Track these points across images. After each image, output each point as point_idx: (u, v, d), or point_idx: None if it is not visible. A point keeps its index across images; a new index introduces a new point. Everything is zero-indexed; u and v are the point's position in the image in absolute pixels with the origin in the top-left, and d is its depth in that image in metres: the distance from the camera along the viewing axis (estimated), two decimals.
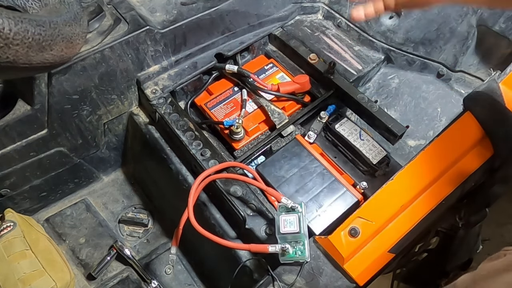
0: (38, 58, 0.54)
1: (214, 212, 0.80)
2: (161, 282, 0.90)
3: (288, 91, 0.90)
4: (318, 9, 1.07)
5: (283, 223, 0.63)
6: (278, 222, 0.63)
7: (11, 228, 0.84)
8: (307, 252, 0.62)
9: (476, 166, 0.71)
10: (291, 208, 0.64)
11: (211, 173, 0.73)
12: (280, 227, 0.62)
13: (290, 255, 0.62)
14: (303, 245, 0.62)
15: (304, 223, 0.63)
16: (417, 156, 0.70)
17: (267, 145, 0.85)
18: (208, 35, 0.93)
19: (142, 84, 0.89)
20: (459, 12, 0.92)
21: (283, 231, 0.62)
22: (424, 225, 0.68)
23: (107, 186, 1.06)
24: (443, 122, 0.84)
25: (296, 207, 0.64)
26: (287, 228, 0.62)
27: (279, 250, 0.62)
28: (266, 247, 0.62)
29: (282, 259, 0.63)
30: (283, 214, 0.63)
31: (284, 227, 0.62)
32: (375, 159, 0.79)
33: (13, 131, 0.79)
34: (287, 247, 0.62)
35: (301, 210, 0.64)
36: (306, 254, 0.62)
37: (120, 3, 0.86)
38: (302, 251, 0.62)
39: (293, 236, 0.62)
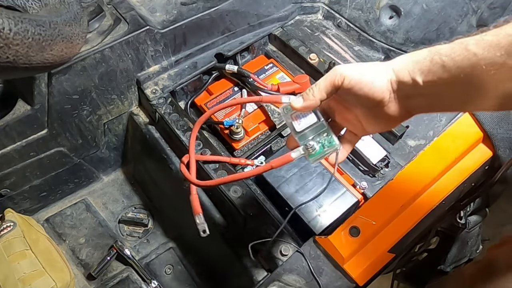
0: (38, 58, 0.54)
1: (214, 212, 0.80)
2: (161, 282, 0.90)
3: (288, 91, 0.89)
4: (318, 9, 1.07)
5: (297, 120, 0.52)
6: (289, 123, 0.52)
7: (11, 228, 0.84)
8: (335, 139, 0.52)
9: (476, 166, 0.72)
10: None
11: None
12: (295, 127, 0.52)
13: (318, 151, 0.52)
14: (328, 133, 0.52)
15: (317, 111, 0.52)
16: (417, 156, 0.71)
17: (267, 145, 0.85)
18: (208, 35, 0.93)
19: (142, 84, 0.89)
20: (459, 12, 0.92)
21: (301, 128, 0.51)
22: (424, 225, 0.68)
23: (107, 186, 1.06)
24: (443, 122, 0.84)
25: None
26: (303, 122, 0.52)
27: (303, 151, 0.51)
28: (289, 156, 0.51)
29: (313, 160, 0.52)
30: (291, 112, 0.52)
31: (299, 123, 0.52)
32: (375, 159, 0.79)
33: (13, 131, 0.79)
34: (312, 144, 0.51)
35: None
36: (335, 141, 0.52)
37: (120, 3, 0.86)
38: (330, 140, 0.52)
39: (313, 129, 0.52)
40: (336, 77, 0.45)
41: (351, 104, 0.49)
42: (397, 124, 0.49)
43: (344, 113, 0.50)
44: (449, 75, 0.39)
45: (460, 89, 0.39)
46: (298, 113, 0.51)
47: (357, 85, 0.44)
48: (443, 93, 0.40)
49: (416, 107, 0.44)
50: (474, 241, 1.08)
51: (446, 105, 0.43)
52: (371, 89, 0.43)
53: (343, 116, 0.51)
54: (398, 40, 0.97)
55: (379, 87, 0.43)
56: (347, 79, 0.44)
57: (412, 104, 0.44)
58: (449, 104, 0.42)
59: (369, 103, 0.45)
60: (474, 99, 0.40)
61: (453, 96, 0.40)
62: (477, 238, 1.09)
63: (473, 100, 0.40)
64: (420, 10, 0.95)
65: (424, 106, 0.44)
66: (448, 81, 0.39)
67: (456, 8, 0.92)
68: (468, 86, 0.38)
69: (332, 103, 0.51)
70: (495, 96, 0.38)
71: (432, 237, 1.08)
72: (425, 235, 0.87)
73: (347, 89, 0.45)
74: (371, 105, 0.45)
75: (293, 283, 0.64)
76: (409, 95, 0.43)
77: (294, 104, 0.49)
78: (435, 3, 0.94)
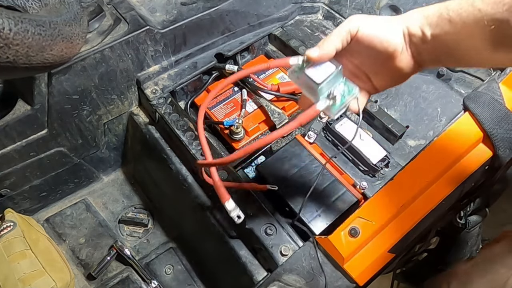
0: (38, 58, 0.54)
1: (214, 212, 0.80)
2: (161, 282, 0.90)
3: (288, 91, 0.90)
4: (318, 9, 1.07)
5: (314, 73, 0.48)
6: (305, 79, 0.49)
7: (11, 228, 0.84)
8: (354, 85, 0.49)
9: (476, 166, 0.71)
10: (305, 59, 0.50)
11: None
12: (314, 79, 0.48)
13: (341, 101, 0.48)
14: (345, 81, 0.49)
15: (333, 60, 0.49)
16: (417, 156, 0.71)
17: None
18: (208, 35, 0.93)
19: (142, 84, 0.89)
20: None
21: (321, 79, 0.47)
22: (424, 225, 0.68)
23: (107, 186, 1.06)
24: (443, 122, 0.84)
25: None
26: (321, 73, 0.48)
27: (328, 103, 0.48)
28: (314, 108, 0.48)
29: (336, 111, 0.49)
30: (304, 68, 0.49)
31: (318, 75, 0.48)
32: (375, 159, 0.79)
33: (13, 131, 0.79)
34: (334, 94, 0.48)
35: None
36: (354, 88, 0.49)
37: (120, 3, 0.86)
38: (349, 88, 0.49)
39: (332, 79, 0.48)
40: (351, 24, 0.45)
41: (362, 58, 0.48)
42: (406, 79, 0.49)
43: (354, 70, 0.50)
44: (455, 30, 0.40)
45: (465, 44, 0.41)
46: (312, 67, 0.48)
47: (371, 35, 0.44)
48: (450, 47, 0.42)
49: (425, 60, 0.45)
50: (474, 241, 1.08)
51: (452, 59, 0.45)
52: (385, 40, 0.44)
53: (353, 74, 0.50)
54: None
55: (392, 39, 0.44)
56: (361, 28, 0.44)
57: (422, 57, 0.45)
58: (455, 58, 0.44)
59: (382, 55, 0.45)
60: (478, 54, 0.41)
61: (458, 50, 0.42)
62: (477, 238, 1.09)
63: (477, 54, 0.41)
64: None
65: (433, 59, 0.45)
66: (454, 36, 0.40)
67: None
68: (472, 41, 0.40)
69: (342, 60, 0.49)
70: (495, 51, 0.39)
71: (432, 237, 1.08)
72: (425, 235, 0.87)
73: (361, 40, 0.45)
74: (384, 57, 0.45)
75: (293, 283, 0.64)
76: (419, 48, 0.44)
77: (311, 54, 0.47)
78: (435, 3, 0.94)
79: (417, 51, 0.45)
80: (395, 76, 0.48)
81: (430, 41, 0.43)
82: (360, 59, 0.49)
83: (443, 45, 0.42)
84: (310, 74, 0.48)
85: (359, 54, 0.48)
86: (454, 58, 0.44)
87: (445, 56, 0.44)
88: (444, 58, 0.44)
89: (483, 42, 0.39)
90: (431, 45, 0.43)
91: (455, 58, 0.44)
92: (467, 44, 0.41)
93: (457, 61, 0.45)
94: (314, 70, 0.48)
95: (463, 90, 0.91)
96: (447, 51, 0.43)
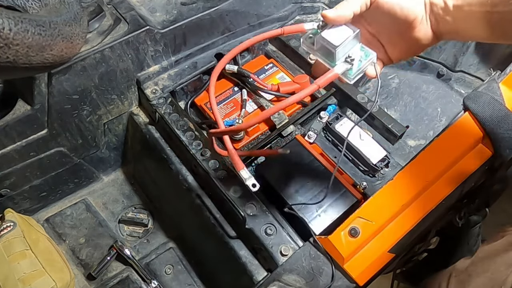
0: (38, 58, 0.54)
1: (214, 212, 0.80)
2: (161, 282, 0.90)
3: (288, 91, 0.90)
4: (318, 9, 1.07)
5: (331, 36, 0.46)
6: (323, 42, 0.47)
7: (11, 228, 0.84)
8: (370, 50, 0.48)
9: (476, 166, 0.71)
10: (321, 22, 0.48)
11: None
12: (332, 42, 0.46)
13: (358, 65, 0.48)
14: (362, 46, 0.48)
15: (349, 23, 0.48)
16: (417, 156, 0.70)
17: (267, 145, 0.85)
18: (208, 35, 0.93)
19: (142, 84, 0.89)
20: None
21: (339, 42, 0.46)
22: (424, 225, 0.68)
23: (107, 186, 1.06)
24: (443, 122, 0.84)
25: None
26: (339, 36, 0.46)
27: (347, 66, 0.47)
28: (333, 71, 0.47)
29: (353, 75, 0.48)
30: (322, 30, 0.47)
31: (335, 37, 0.46)
32: (375, 159, 0.79)
33: (13, 131, 0.79)
34: (352, 57, 0.47)
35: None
36: (370, 52, 0.48)
37: (120, 3, 0.86)
38: (366, 53, 0.48)
39: (349, 43, 0.47)
40: None
41: (380, 26, 0.47)
42: (422, 50, 0.48)
43: (370, 39, 0.49)
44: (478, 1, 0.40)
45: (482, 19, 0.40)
46: (329, 30, 0.47)
47: (392, 1, 0.43)
48: (469, 20, 0.41)
49: (444, 31, 0.44)
50: (474, 241, 1.08)
51: (471, 33, 0.43)
52: (406, 8, 0.43)
53: (368, 42, 0.49)
54: None
55: (413, 6, 0.43)
56: None
57: (442, 27, 0.44)
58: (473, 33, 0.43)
59: (401, 23, 0.44)
60: (496, 31, 0.40)
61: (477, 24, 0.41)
62: (477, 238, 1.09)
63: (494, 31, 0.40)
64: None
65: (451, 31, 0.44)
66: (474, 8, 0.40)
67: None
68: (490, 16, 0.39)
69: (358, 26, 0.48)
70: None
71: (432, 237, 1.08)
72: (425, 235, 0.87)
73: (381, 5, 0.44)
74: (403, 25, 0.44)
75: (293, 283, 0.64)
76: (439, 17, 0.43)
77: (328, 14, 0.45)
78: None
79: (437, 21, 0.44)
80: (412, 47, 0.47)
81: (452, 12, 0.42)
82: (378, 27, 0.48)
83: (463, 17, 0.41)
84: (327, 37, 0.46)
85: (377, 21, 0.47)
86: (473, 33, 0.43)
87: (464, 29, 0.43)
88: (463, 31, 0.43)
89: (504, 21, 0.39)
90: (452, 16, 0.42)
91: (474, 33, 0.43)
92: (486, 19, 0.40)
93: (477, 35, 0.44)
94: (331, 33, 0.46)
95: (463, 90, 0.91)
96: (466, 24, 0.42)
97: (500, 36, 0.42)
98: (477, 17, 0.41)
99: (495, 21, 0.40)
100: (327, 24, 0.47)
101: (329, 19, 0.46)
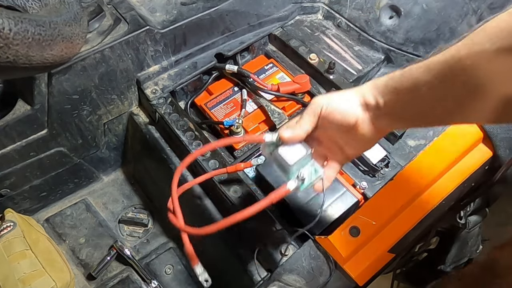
0: (38, 58, 0.54)
1: (214, 212, 0.80)
2: (161, 282, 0.90)
3: (288, 91, 0.90)
4: (318, 9, 1.07)
5: (286, 153, 0.52)
6: (279, 158, 0.53)
7: (11, 228, 0.84)
8: (320, 167, 0.54)
9: (476, 166, 0.72)
10: (278, 138, 0.54)
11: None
12: (287, 160, 0.52)
13: (308, 181, 0.53)
14: (313, 163, 0.53)
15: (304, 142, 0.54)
16: (417, 156, 0.71)
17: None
18: (208, 35, 0.93)
19: (142, 84, 0.89)
20: (459, 12, 0.92)
21: (294, 161, 0.52)
22: (424, 225, 0.68)
23: (107, 186, 1.06)
24: None
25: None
26: (293, 155, 0.52)
27: (298, 183, 0.52)
28: (285, 187, 0.51)
29: (304, 189, 0.53)
30: (278, 148, 0.53)
31: (290, 156, 0.52)
32: (375, 159, 0.79)
33: (13, 131, 0.79)
34: (303, 175, 0.52)
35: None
36: (320, 170, 0.53)
37: (120, 3, 0.86)
38: (316, 170, 0.53)
39: (302, 161, 0.53)
40: (316, 107, 0.50)
41: (331, 131, 0.53)
42: (374, 143, 0.54)
43: (327, 142, 0.55)
44: (400, 97, 0.45)
45: (411, 109, 0.45)
46: (285, 146, 0.53)
47: (333, 111, 0.49)
48: (402, 113, 0.46)
49: (384, 125, 0.49)
50: (474, 241, 1.08)
51: (408, 123, 0.50)
52: (345, 113, 0.49)
53: (326, 146, 0.55)
54: (398, 40, 0.97)
55: (351, 111, 0.48)
56: (324, 107, 0.50)
57: (381, 123, 0.49)
58: (406, 122, 0.48)
59: (345, 126, 0.50)
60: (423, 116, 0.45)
61: (408, 114, 0.46)
62: (477, 238, 1.09)
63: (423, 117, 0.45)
64: (420, 10, 0.95)
65: (391, 124, 0.49)
66: (400, 103, 0.45)
67: (456, 8, 0.92)
68: (416, 106, 0.44)
69: (316, 133, 0.54)
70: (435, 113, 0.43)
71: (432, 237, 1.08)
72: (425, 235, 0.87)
73: (325, 117, 0.50)
74: (348, 127, 0.50)
75: (293, 283, 0.64)
76: (376, 115, 0.48)
77: (284, 134, 0.52)
78: (435, 3, 0.94)
79: (375, 118, 0.48)
80: (361, 143, 0.52)
81: (384, 109, 0.46)
82: (330, 132, 0.53)
83: (396, 112, 0.46)
84: (283, 154, 0.52)
85: (328, 128, 0.52)
86: (406, 121, 0.48)
87: (398, 120, 0.47)
88: (398, 122, 0.48)
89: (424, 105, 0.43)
90: (384, 112, 0.47)
91: (406, 121, 0.48)
92: (413, 108, 0.44)
93: (409, 123, 0.50)
94: (287, 150, 0.53)
95: None
96: (401, 117, 0.47)
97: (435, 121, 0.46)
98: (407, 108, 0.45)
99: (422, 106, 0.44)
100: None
101: (284, 140, 0.52)
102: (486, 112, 0.39)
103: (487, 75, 0.36)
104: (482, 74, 0.37)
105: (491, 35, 0.37)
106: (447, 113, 0.42)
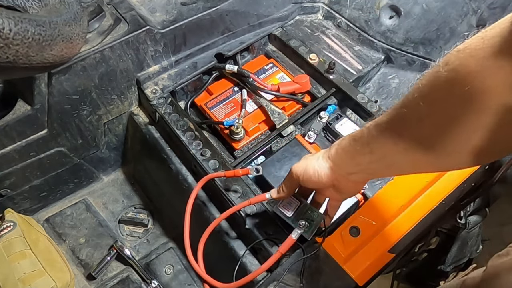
0: (38, 58, 0.54)
1: (214, 212, 0.80)
2: (161, 282, 0.90)
3: (288, 91, 0.90)
4: (318, 9, 1.07)
5: (285, 209, 0.63)
6: (281, 213, 0.63)
7: (11, 228, 0.84)
8: (318, 211, 0.62)
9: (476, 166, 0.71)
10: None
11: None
12: (286, 214, 0.62)
13: (310, 226, 0.62)
14: (311, 209, 0.62)
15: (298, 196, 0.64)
16: None
17: (267, 145, 0.85)
18: (208, 35, 0.93)
19: (142, 84, 0.89)
20: (459, 12, 0.92)
21: (291, 214, 0.62)
22: (424, 225, 0.68)
23: (107, 186, 1.06)
24: None
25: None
26: (290, 209, 0.63)
27: (301, 231, 0.61)
28: (291, 238, 0.62)
29: (309, 234, 0.62)
30: (278, 203, 0.63)
31: (288, 210, 0.63)
32: None
33: (13, 131, 0.79)
34: (303, 223, 0.61)
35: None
36: (318, 213, 0.62)
37: (120, 3, 0.86)
38: (316, 214, 0.62)
39: (300, 211, 0.62)
40: (293, 176, 0.58)
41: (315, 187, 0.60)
42: (360, 188, 0.61)
43: (324, 189, 0.60)
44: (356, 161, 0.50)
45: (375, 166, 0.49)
46: (284, 202, 0.63)
47: (308, 179, 0.56)
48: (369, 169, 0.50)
49: (359, 178, 0.54)
50: (474, 241, 1.08)
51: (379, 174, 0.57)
52: (319, 179, 0.55)
53: (321, 193, 0.62)
54: (398, 40, 0.97)
55: (324, 175, 0.54)
56: (300, 177, 0.57)
57: (355, 177, 0.53)
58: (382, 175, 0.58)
59: (325, 187, 0.57)
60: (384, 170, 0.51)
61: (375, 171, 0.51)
62: (477, 238, 1.09)
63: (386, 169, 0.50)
64: (420, 10, 0.95)
65: (365, 177, 0.54)
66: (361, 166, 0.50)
67: (456, 8, 0.92)
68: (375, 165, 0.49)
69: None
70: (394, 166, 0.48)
71: (432, 237, 1.08)
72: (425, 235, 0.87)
73: (304, 182, 0.57)
74: (327, 187, 0.57)
75: (293, 283, 0.64)
76: (348, 172, 0.53)
77: (272, 195, 0.62)
78: (435, 3, 0.94)
79: (349, 175, 0.53)
80: (346, 193, 0.58)
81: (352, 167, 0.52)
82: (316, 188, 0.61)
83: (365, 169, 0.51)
84: (282, 209, 0.63)
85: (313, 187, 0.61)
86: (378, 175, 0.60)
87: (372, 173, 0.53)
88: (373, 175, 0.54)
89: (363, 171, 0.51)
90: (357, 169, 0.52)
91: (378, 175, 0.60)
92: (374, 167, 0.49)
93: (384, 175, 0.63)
94: (285, 206, 0.63)
95: None
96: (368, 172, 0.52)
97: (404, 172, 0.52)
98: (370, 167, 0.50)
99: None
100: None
101: (274, 198, 0.63)
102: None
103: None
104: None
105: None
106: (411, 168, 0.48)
